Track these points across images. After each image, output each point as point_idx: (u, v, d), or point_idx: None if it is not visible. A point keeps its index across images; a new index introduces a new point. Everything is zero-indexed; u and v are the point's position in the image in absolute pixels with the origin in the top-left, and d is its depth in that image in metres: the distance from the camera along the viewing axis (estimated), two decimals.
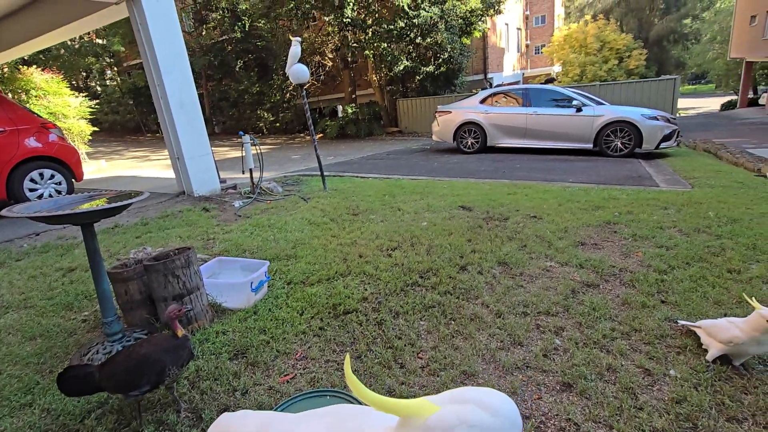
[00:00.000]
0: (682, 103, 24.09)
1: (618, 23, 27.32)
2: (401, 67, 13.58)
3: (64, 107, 9.02)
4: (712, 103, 28.37)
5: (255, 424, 0.86)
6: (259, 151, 5.38)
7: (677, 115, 11.95)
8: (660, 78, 11.89)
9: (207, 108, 19.36)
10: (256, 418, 0.91)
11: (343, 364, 1.81)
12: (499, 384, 1.64)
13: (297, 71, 4.96)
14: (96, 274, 1.86)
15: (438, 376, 1.70)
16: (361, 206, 4.46)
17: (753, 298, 1.67)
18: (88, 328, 2.26)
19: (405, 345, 1.93)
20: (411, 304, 2.29)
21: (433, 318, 2.15)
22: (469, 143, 8.99)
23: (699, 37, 35.87)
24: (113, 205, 1.61)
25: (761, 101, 23.11)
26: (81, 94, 10.26)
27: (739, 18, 23.56)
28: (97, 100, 14.87)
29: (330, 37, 14.31)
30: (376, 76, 14.90)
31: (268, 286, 2.56)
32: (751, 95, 24.53)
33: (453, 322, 2.10)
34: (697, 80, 52.18)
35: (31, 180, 5.24)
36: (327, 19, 12.81)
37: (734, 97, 25.44)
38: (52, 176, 5.43)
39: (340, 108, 15.60)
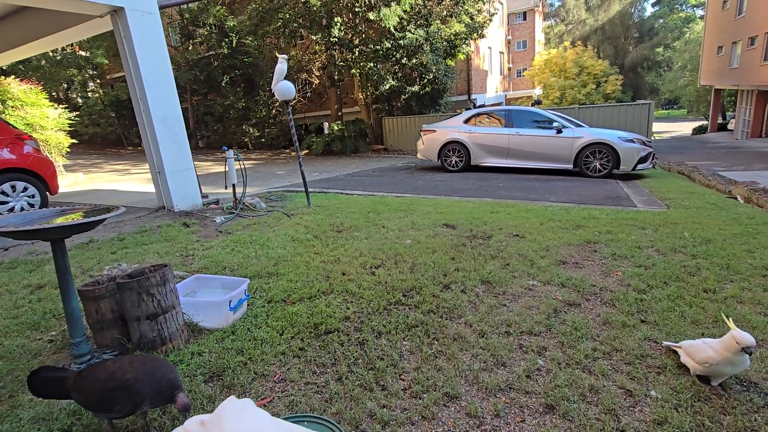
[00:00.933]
0: (656, 126, 25.09)
1: (595, 50, 28.55)
2: (387, 86, 13.80)
3: (42, 119, 8.80)
4: (685, 128, 29.66)
5: (249, 427, 0.85)
6: (242, 166, 5.34)
7: (652, 138, 12.41)
8: (636, 102, 12.37)
9: (191, 122, 19.20)
10: (252, 419, 0.89)
11: (323, 385, 1.76)
12: (482, 406, 1.62)
13: (283, 88, 4.98)
14: (65, 292, 1.78)
15: (420, 399, 1.67)
16: (345, 223, 4.43)
17: (730, 319, 1.71)
18: (55, 349, 2.14)
19: (387, 366, 1.89)
20: (394, 323, 2.25)
21: (416, 338, 2.11)
22: (453, 162, 9.12)
23: (671, 64, 37.76)
24: (83, 220, 1.55)
25: (730, 126, 24.27)
26: (60, 105, 10.05)
27: (707, 48, 24.90)
28: (78, 112, 14.57)
29: (317, 56, 14.49)
30: (362, 95, 15.08)
31: (248, 305, 2.49)
32: (720, 120, 25.75)
33: (436, 342, 2.08)
34: (670, 105, 54.62)
35: (3, 193, 5.05)
36: (314, 38, 12.98)
37: (705, 122, 26.67)
38: (25, 189, 5.25)
39: (326, 125, 15.69)
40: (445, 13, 13.51)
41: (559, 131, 8.05)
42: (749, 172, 8.44)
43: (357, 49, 13.06)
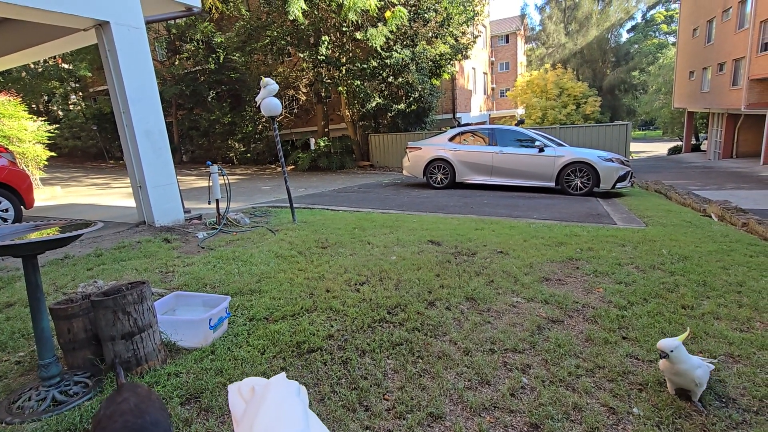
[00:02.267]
0: (633, 147, 25.95)
1: (575, 72, 29.60)
2: (373, 104, 13.98)
3: (20, 131, 8.59)
4: (661, 148, 30.76)
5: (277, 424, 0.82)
6: (226, 181, 5.28)
7: (630, 157, 12.81)
8: (614, 123, 12.80)
9: (176, 137, 19.02)
10: (286, 414, 0.86)
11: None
12: (466, 426, 1.60)
13: (269, 104, 4.99)
14: (35, 310, 1.71)
15: (404, 419, 1.64)
16: (330, 239, 4.41)
17: (687, 330, 1.81)
18: (22, 371, 2.04)
19: (371, 385, 1.85)
20: (378, 341, 2.22)
21: (401, 356, 2.09)
22: (439, 179, 9.22)
23: (646, 88, 39.38)
24: (57, 236, 1.51)
25: (703, 147, 25.28)
26: (40, 118, 9.84)
27: (680, 73, 26.08)
28: (58, 125, 14.28)
29: (304, 73, 14.62)
30: (348, 112, 15.23)
31: (229, 323, 2.43)
32: (693, 141, 26.80)
33: (420, 361, 2.05)
34: (647, 126, 56.67)
35: None
36: (302, 55, 13.12)
37: (679, 143, 27.73)
38: None
39: (312, 141, 15.75)
40: (430, 35, 13.86)
41: (542, 150, 8.25)
42: (722, 191, 8.77)
43: (344, 67, 13.25)
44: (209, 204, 5.33)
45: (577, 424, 1.59)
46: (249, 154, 18.38)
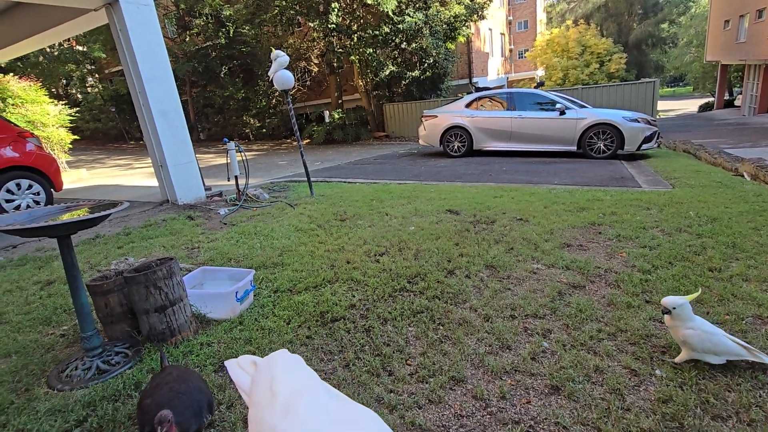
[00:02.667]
0: (661, 105, 24.71)
1: (598, 28, 27.93)
2: (387, 72, 13.64)
3: (43, 115, 8.82)
4: (690, 105, 29.17)
5: (290, 389, 0.86)
6: (244, 157, 5.33)
7: (657, 117, 12.23)
8: (640, 81, 12.16)
9: (191, 115, 19.14)
10: (301, 376, 0.90)
11: (330, 372, 1.79)
12: (488, 389, 1.64)
13: (282, 77, 4.93)
14: (74, 287, 1.81)
15: (427, 383, 1.69)
16: (348, 212, 4.44)
17: (699, 290, 1.84)
18: (67, 343, 2.19)
19: (393, 352, 1.91)
20: (399, 309, 2.27)
21: (422, 323, 2.13)
22: (456, 147, 9.05)
23: (676, 41, 36.93)
24: (88, 216, 1.57)
25: (737, 102, 23.86)
26: (60, 101, 10.04)
27: (714, 23, 24.30)
28: (78, 108, 14.57)
29: (315, 43, 14.31)
30: (362, 81, 14.93)
31: (254, 295, 2.51)
32: (727, 97, 25.29)
33: (441, 327, 2.10)
34: (676, 83, 53.63)
35: (8, 191, 5.09)
36: (312, 25, 12.81)
37: (711, 99, 26.20)
38: (30, 186, 5.28)
39: (326, 113, 15.61)
40: None
41: (563, 113, 7.95)
42: (756, 149, 8.32)
43: (355, 35, 12.88)
44: (228, 181, 5.41)
45: (598, 386, 1.61)
46: (264, 130, 18.41)
